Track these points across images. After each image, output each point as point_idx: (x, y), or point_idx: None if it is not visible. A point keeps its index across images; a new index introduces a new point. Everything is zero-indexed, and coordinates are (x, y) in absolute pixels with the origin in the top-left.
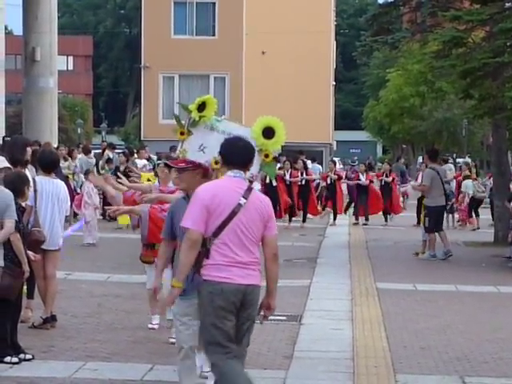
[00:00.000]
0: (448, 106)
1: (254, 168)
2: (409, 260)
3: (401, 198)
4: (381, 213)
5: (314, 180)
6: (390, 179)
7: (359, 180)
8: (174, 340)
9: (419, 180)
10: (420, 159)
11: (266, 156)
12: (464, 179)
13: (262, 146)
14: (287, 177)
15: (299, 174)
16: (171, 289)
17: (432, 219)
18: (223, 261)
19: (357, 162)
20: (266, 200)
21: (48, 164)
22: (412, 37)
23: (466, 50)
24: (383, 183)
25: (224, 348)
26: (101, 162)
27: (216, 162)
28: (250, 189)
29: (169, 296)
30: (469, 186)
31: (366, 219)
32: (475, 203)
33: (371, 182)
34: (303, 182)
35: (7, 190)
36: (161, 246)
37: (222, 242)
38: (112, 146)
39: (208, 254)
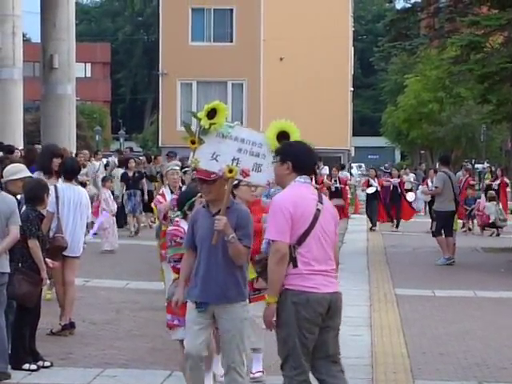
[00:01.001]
0: (466, 111)
1: (270, 174)
2: (427, 266)
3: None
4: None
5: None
6: (395, 182)
7: (370, 186)
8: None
9: (429, 184)
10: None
11: None
12: (489, 200)
13: None
14: None
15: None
16: (268, 305)
17: (439, 224)
18: (307, 269)
19: (390, 169)
20: (335, 207)
21: (69, 171)
22: (430, 42)
23: (484, 55)
24: (392, 188)
25: (301, 366)
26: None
27: (230, 171)
28: (321, 194)
29: (269, 314)
30: (492, 210)
31: (375, 225)
32: (494, 226)
33: (383, 187)
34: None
35: (11, 196)
36: (184, 257)
37: (307, 249)
38: (120, 152)
39: (295, 262)
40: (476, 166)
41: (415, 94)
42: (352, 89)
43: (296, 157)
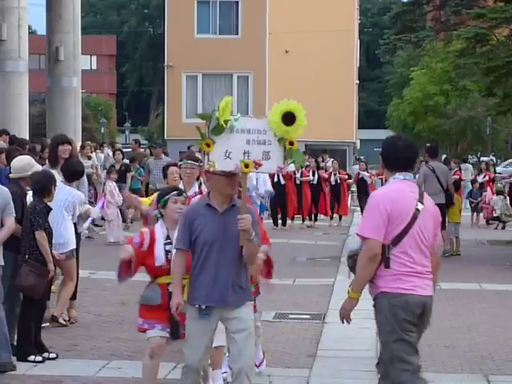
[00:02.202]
0: (472, 104)
1: (279, 159)
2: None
3: None
4: None
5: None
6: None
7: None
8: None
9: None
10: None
11: (291, 143)
12: (497, 194)
13: (284, 134)
14: (297, 175)
15: (310, 173)
16: (349, 299)
17: None
18: (403, 271)
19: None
20: (436, 206)
21: (70, 174)
22: (436, 35)
23: (490, 47)
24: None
25: (410, 364)
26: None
27: (246, 165)
28: (422, 192)
29: (346, 306)
30: (498, 205)
31: None
32: (499, 220)
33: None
34: (315, 182)
35: (5, 188)
36: (174, 257)
37: (402, 250)
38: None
39: (388, 263)
40: (482, 158)
41: (421, 87)
42: (358, 81)
43: (390, 154)
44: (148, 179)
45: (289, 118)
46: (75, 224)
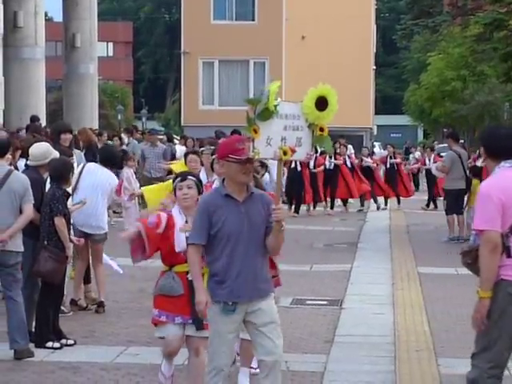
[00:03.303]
0: (489, 89)
1: (308, 146)
2: (450, 244)
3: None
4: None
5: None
6: (398, 160)
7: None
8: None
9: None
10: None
11: (321, 130)
12: None
13: (315, 119)
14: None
15: (327, 159)
16: (480, 300)
17: (449, 202)
18: None
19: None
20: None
21: (106, 159)
22: (453, 20)
23: (508, 32)
24: (389, 166)
25: (499, 360)
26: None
27: (284, 153)
28: None
29: (481, 310)
30: None
31: (376, 201)
32: None
33: (377, 165)
34: (331, 167)
35: (24, 175)
36: (191, 252)
37: None
38: (129, 131)
39: (509, 252)
40: None
41: (438, 72)
42: (374, 67)
43: (488, 142)
44: (143, 166)
45: (322, 103)
46: None
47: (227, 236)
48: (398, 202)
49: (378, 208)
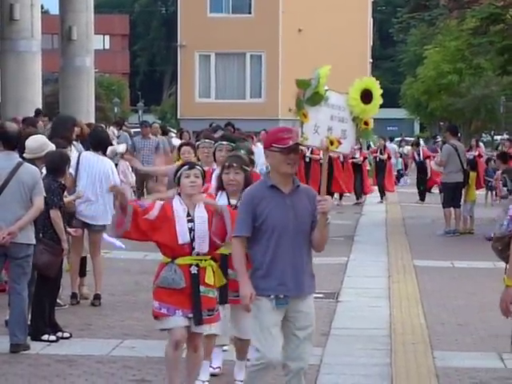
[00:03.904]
0: (486, 82)
1: (352, 140)
2: (446, 237)
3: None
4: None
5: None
6: (384, 156)
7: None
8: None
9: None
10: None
11: (366, 123)
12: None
13: (361, 112)
14: (307, 153)
15: (321, 152)
16: (506, 289)
17: (446, 195)
18: None
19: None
20: None
21: (97, 142)
22: (449, 13)
23: (504, 26)
24: (378, 160)
25: None
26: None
27: (331, 142)
28: None
29: (508, 299)
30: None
31: (359, 198)
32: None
33: (365, 158)
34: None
35: (34, 168)
36: (235, 245)
37: None
38: (119, 124)
39: None
40: (495, 137)
41: (434, 66)
42: (371, 60)
43: None
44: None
45: (367, 96)
46: None
47: (272, 228)
48: (381, 197)
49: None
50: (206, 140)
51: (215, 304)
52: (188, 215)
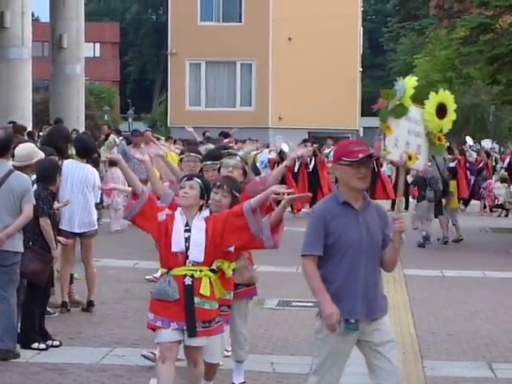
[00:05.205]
0: (475, 91)
1: (426, 156)
2: (435, 246)
3: None
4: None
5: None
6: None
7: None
8: None
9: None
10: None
11: (439, 139)
12: (501, 181)
13: (435, 127)
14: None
15: (308, 160)
16: None
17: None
18: None
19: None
20: None
21: (82, 149)
22: (439, 23)
23: (494, 35)
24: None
25: None
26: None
27: (409, 157)
28: None
29: None
30: (502, 192)
31: None
32: (502, 208)
33: None
34: (311, 169)
35: (25, 176)
36: (307, 264)
37: None
38: (119, 132)
39: None
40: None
41: (424, 75)
42: (361, 69)
43: None
44: None
45: (442, 111)
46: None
47: (345, 247)
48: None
49: None
50: (192, 154)
51: (213, 316)
52: (186, 225)
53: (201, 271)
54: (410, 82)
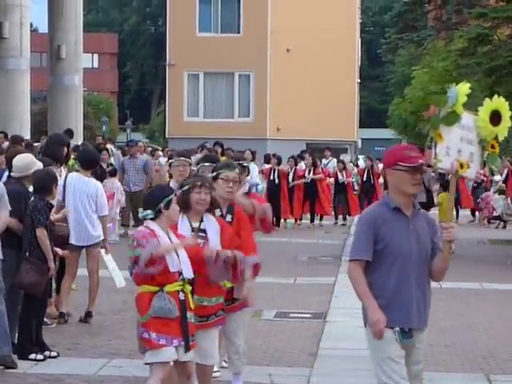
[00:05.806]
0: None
1: (479, 164)
2: None
3: None
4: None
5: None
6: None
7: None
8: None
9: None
10: None
11: (493, 147)
12: (499, 193)
13: (489, 135)
14: (291, 176)
15: (306, 172)
16: None
17: None
18: None
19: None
20: None
21: (86, 160)
22: (437, 34)
23: (492, 47)
24: (365, 179)
25: None
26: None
27: (461, 166)
28: None
29: None
30: (500, 204)
31: (344, 219)
32: (500, 220)
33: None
34: (309, 181)
35: (0, 183)
36: (354, 269)
37: None
38: (113, 141)
39: None
40: None
41: (422, 86)
42: (359, 80)
43: None
44: (122, 180)
45: (496, 118)
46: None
47: (395, 254)
48: (344, 218)
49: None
50: (181, 158)
51: (193, 330)
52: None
53: (186, 285)
54: (462, 89)
